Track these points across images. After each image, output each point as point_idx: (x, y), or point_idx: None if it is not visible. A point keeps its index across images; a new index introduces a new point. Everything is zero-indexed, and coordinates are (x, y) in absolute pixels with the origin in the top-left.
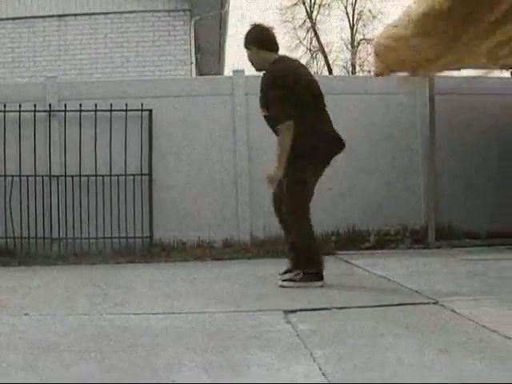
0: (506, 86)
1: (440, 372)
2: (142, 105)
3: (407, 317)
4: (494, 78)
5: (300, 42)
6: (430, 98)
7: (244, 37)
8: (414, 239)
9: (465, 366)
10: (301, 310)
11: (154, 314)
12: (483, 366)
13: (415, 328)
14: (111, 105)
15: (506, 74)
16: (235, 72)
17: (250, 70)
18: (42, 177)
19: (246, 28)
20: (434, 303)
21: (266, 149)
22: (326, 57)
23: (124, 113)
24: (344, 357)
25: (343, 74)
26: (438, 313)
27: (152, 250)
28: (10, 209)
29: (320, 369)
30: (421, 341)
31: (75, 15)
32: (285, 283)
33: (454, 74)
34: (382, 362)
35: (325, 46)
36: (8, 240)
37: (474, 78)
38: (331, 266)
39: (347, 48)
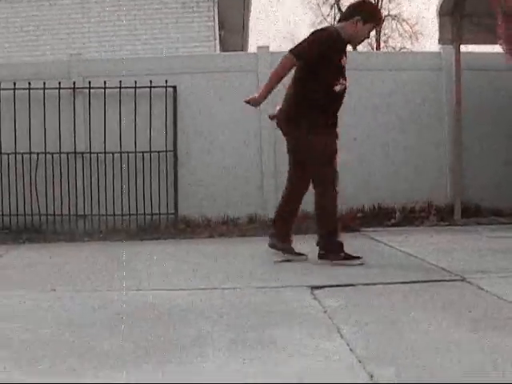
0: None
1: (468, 348)
2: (166, 81)
3: (434, 293)
4: None
5: (324, 18)
6: (457, 73)
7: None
8: (440, 216)
9: (492, 341)
10: (327, 286)
11: (180, 289)
12: (506, 340)
13: (442, 305)
14: (135, 82)
15: None
16: (259, 48)
17: (274, 47)
18: (67, 154)
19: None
20: (460, 280)
21: None
22: None
23: (148, 90)
24: (371, 333)
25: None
26: (465, 289)
27: (177, 227)
28: (36, 186)
29: (348, 344)
30: (448, 317)
31: None
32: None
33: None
34: (408, 339)
35: None
36: (34, 217)
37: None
38: (356, 243)
39: None
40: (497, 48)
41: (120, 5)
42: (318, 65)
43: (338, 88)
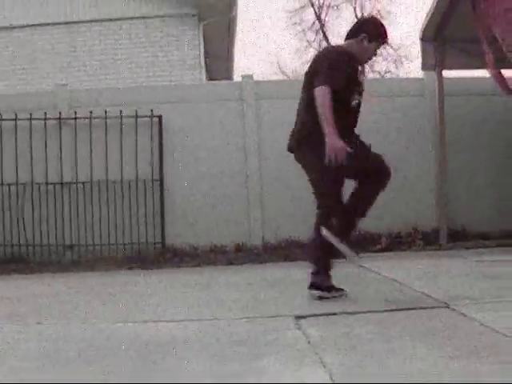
0: None
1: (451, 379)
2: (151, 111)
3: (417, 322)
4: None
5: (309, 43)
6: (440, 99)
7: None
8: (426, 241)
9: (476, 371)
10: (311, 316)
11: (165, 321)
12: (496, 371)
13: (425, 333)
14: (121, 111)
15: None
16: (244, 77)
17: (258, 75)
18: (54, 184)
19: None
20: (445, 307)
21: (277, 153)
22: None
23: (134, 119)
24: (353, 364)
25: None
26: (449, 317)
27: (164, 256)
28: (23, 216)
29: (331, 377)
30: (431, 346)
31: (83, 22)
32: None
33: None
34: (390, 369)
35: None
36: (21, 247)
37: (482, 78)
38: (342, 270)
39: None
40: (480, 73)
41: (106, 34)
42: (333, 82)
43: (353, 103)
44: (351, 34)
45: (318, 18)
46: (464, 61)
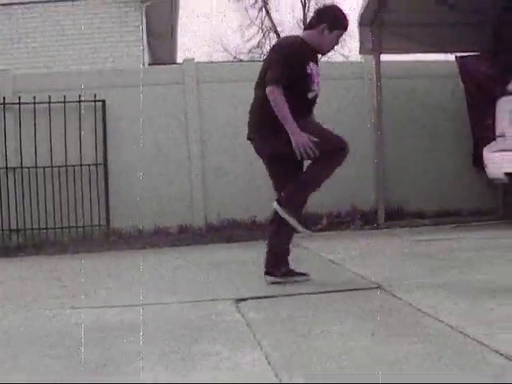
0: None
1: (372, 355)
2: (95, 96)
3: (350, 302)
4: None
5: (251, 21)
6: (377, 82)
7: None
8: (365, 220)
9: (394, 348)
10: (250, 299)
11: (109, 306)
12: (412, 347)
13: (357, 314)
14: (64, 96)
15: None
16: (185, 61)
17: (202, 54)
18: None
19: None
20: (376, 287)
21: (218, 136)
22: (278, 36)
23: (77, 104)
24: (288, 344)
25: None
26: (380, 297)
27: (109, 239)
28: None
29: (266, 358)
30: (362, 326)
31: (25, 3)
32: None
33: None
34: (323, 349)
35: (277, 25)
36: None
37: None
38: None
39: (299, 26)
40: (416, 56)
41: (47, 16)
42: (287, 73)
43: (310, 95)
44: (311, 24)
45: None
46: (402, 44)
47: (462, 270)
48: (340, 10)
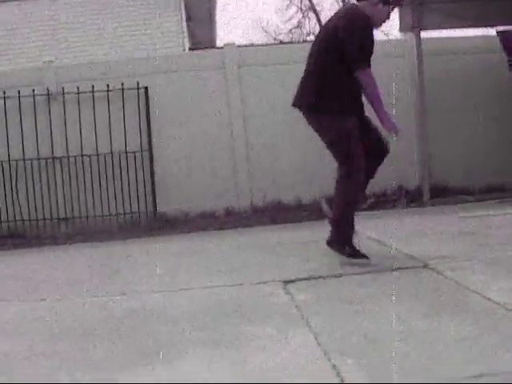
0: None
1: (423, 335)
2: (137, 83)
3: (398, 282)
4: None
5: (291, 1)
6: (419, 59)
7: None
8: (410, 198)
9: (443, 327)
10: (298, 280)
11: (160, 291)
12: (460, 326)
13: (404, 293)
14: (108, 85)
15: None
16: (226, 45)
17: (241, 36)
18: (46, 159)
19: None
20: (423, 266)
21: (261, 117)
22: (317, 15)
23: (121, 92)
24: (336, 325)
25: None
26: (427, 276)
27: (157, 224)
28: (17, 192)
29: (316, 338)
30: (408, 306)
31: None
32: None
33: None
34: (370, 328)
35: (316, 4)
36: (17, 223)
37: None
38: (326, 229)
39: (338, 4)
40: (457, 32)
41: (86, 5)
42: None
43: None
44: None
45: None
46: (442, 21)
47: (506, 246)
48: None
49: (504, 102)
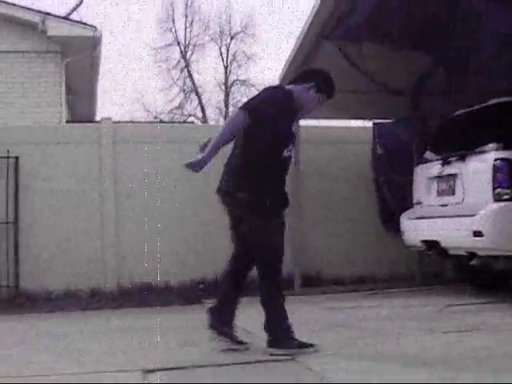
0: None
1: None
2: (8, 152)
3: (262, 375)
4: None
5: (174, 82)
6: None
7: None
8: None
9: None
10: (159, 370)
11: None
12: None
13: None
14: None
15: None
16: (103, 120)
17: (122, 114)
18: None
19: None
20: (289, 359)
21: (134, 196)
22: (199, 97)
23: None
24: None
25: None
26: (293, 370)
27: (17, 301)
28: None
29: None
30: None
31: None
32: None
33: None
34: None
35: (198, 87)
36: None
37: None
38: (196, 317)
39: (221, 89)
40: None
41: None
42: (271, 125)
43: (286, 154)
44: (296, 80)
45: (184, 56)
46: (320, 110)
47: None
48: (331, 78)
49: (375, 194)
